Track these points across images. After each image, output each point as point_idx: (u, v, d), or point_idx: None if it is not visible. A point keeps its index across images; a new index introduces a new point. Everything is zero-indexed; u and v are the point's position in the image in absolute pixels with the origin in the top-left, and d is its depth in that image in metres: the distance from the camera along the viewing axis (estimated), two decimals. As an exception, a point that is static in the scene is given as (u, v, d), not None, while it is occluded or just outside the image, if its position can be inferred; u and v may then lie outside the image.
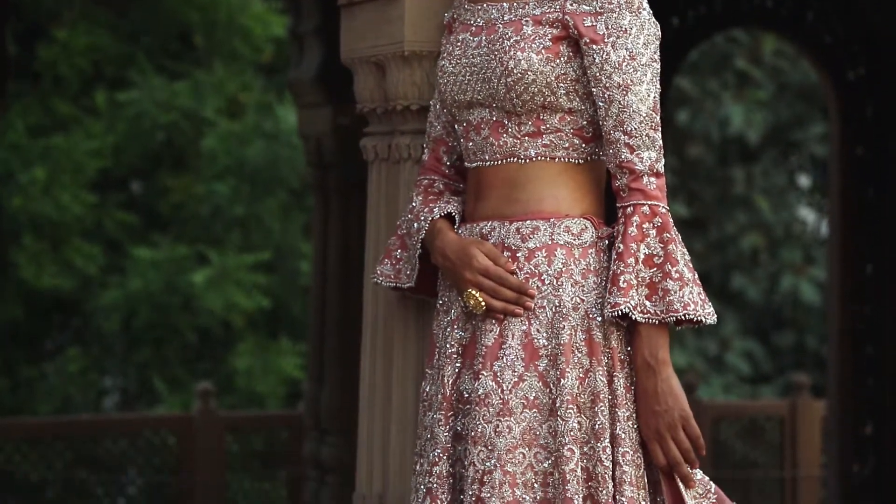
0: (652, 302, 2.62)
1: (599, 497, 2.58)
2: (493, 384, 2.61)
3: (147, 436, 10.33)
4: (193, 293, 13.19)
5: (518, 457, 2.59)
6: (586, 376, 2.62)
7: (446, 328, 2.75)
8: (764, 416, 12.19)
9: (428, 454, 2.68)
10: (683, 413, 2.63)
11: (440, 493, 2.64)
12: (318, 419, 8.74)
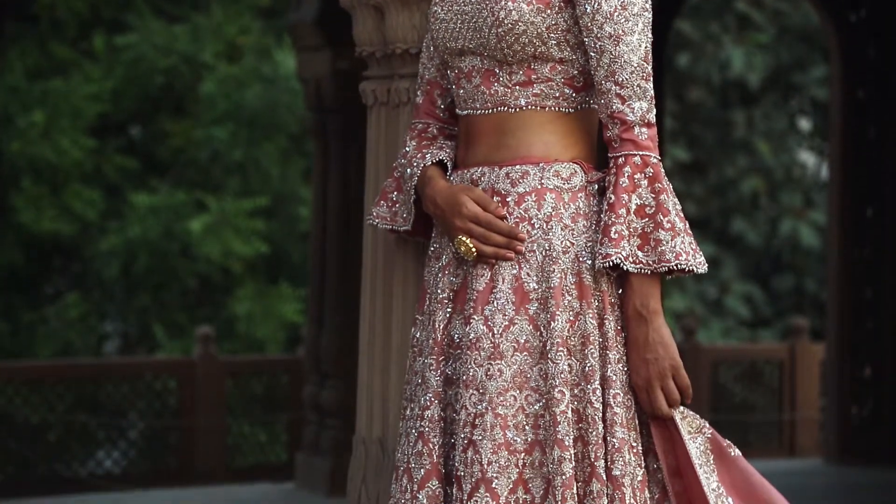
0: (644, 252, 2.62)
1: (589, 438, 2.59)
2: (484, 328, 2.62)
3: (148, 380, 10.37)
4: (191, 240, 13.20)
5: (509, 399, 2.60)
6: (576, 319, 2.63)
7: (437, 274, 2.75)
8: (763, 359, 12.23)
9: (419, 399, 2.69)
10: (674, 362, 2.64)
11: (432, 436, 2.65)
12: (319, 363, 8.76)
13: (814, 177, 18.62)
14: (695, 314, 16.28)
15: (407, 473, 2.65)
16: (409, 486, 2.63)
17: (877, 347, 9.95)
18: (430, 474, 2.63)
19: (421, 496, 2.62)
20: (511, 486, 2.57)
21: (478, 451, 2.57)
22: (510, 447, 2.58)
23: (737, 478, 2.67)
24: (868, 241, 10.02)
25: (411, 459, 2.65)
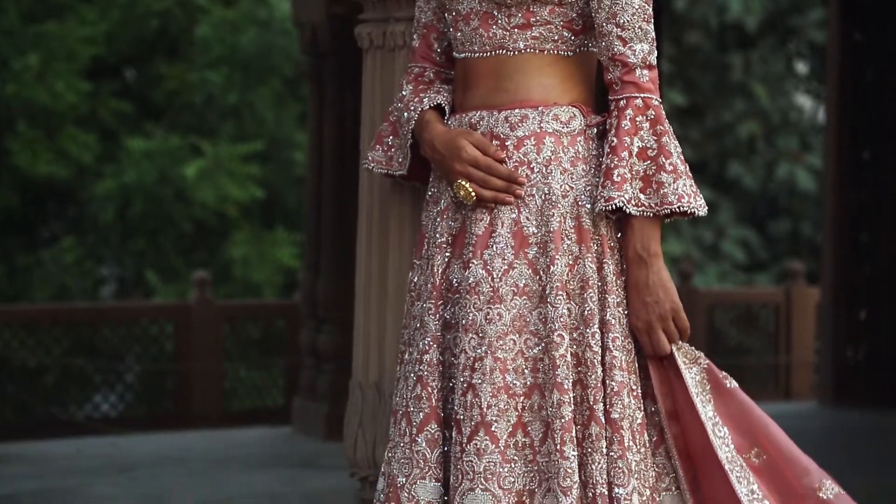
0: (646, 195, 2.61)
1: (588, 381, 2.59)
2: (484, 272, 2.62)
3: (144, 324, 10.38)
4: (187, 185, 13.18)
5: (508, 343, 2.60)
6: (576, 263, 2.63)
7: (436, 218, 2.75)
8: (759, 303, 12.25)
9: (417, 343, 2.69)
10: (674, 305, 2.64)
11: (431, 380, 2.65)
12: (315, 308, 8.77)
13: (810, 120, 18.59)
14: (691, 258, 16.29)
15: (406, 417, 2.65)
16: (408, 429, 2.64)
17: (872, 290, 9.97)
18: (429, 418, 2.63)
19: (420, 439, 2.62)
20: (510, 429, 2.58)
21: (477, 394, 2.57)
22: (509, 391, 2.59)
23: (733, 409, 2.68)
24: (864, 183, 10.02)
25: (410, 403, 2.65)
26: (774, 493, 2.66)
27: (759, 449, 2.68)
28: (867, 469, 7.15)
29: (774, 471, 2.67)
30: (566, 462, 2.53)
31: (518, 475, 2.57)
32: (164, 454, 8.03)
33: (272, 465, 7.59)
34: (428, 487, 2.62)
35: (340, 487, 5.40)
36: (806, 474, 2.67)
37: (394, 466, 2.64)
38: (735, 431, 2.66)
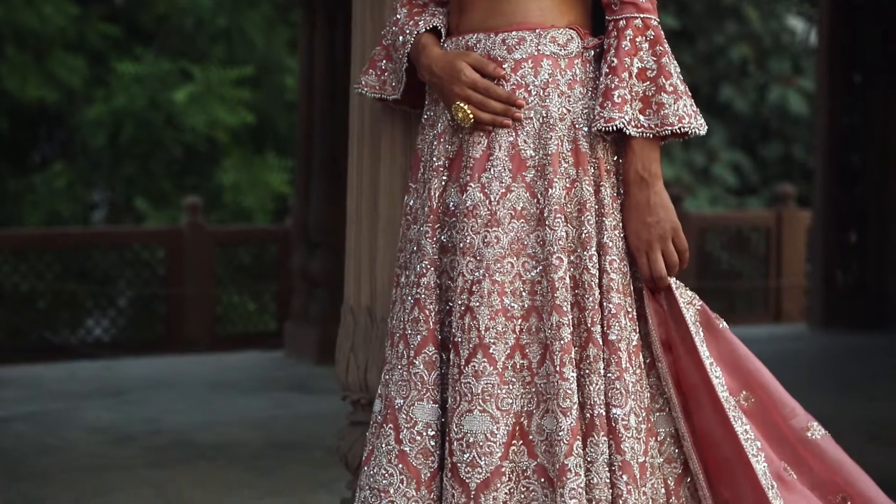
0: (646, 116, 2.61)
1: (586, 304, 2.60)
2: (481, 195, 2.62)
3: (136, 249, 10.38)
4: (176, 110, 13.12)
5: (506, 266, 2.61)
6: (573, 186, 2.63)
7: (432, 142, 2.74)
8: (750, 226, 12.27)
9: (415, 266, 2.70)
10: (674, 225, 2.65)
11: (428, 303, 2.66)
12: (306, 233, 8.78)
13: (802, 43, 18.52)
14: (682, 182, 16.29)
15: (403, 339, 2.66)
16: (406, 351, 2.65)
17: (862, 214, 9.99)
18: (427, 340, 2.64)
19: (418, 362, 2.63)
20: (508, 351, 2.59)
21: (475, 317, 2.58)
22: (507, 313, 2.60)
23: (724, 349, 2.69)
24: (856, 107, 10.00)
25: (408, 326, 2.66)
26: (764, 434, 2.68)
27: (747, 392, 2.70)
28: (856, 390, 7.20)
29: (763, 413, 2.69)
30: (565, 383, 2.55)
31: (516, 397, 2.59)
32: (156, 378, 8.06)
33: (264, 389, 7.63)
34: (426, 409, 2.63)
35: (332, 410, 5.43)
36: (793, 416, 2.68)
37: (391, 388, 2.65)
38: (726, 373, 2.68)
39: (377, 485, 2.61)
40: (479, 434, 2.56)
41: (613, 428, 2.57)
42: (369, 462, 2.66)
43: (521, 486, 2.58)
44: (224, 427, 6.49)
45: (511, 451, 2.58)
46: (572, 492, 2.52)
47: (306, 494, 5.03)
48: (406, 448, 2.61)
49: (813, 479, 2.66)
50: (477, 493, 2.55)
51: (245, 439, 6.19)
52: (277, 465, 5.63)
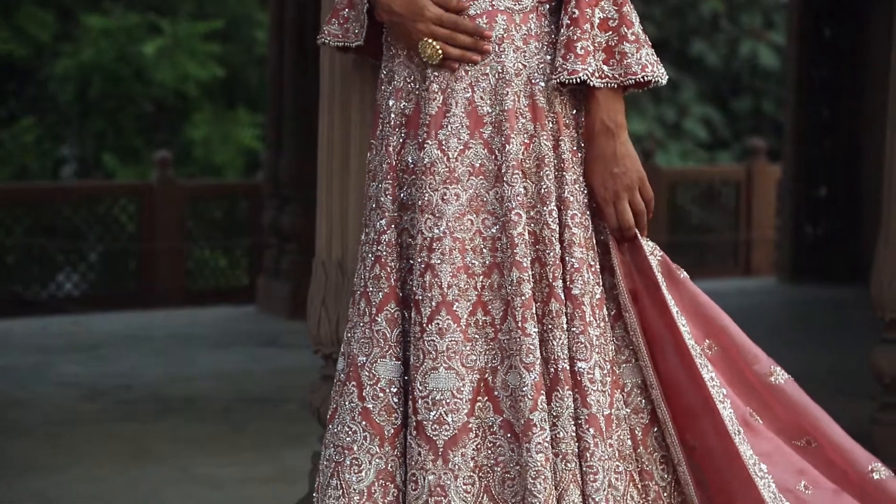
0: (610, 66, 2.61)
1: (547, 259, 2.60)
2: (439, 152, 2.61)
3: (106, 204, 10.34)
4: (146, 64, 13.05)
5: (466, 223, 2.61)
6: (531, 141, 2.63)
7: (389, 98, 2.73)
8: (720, 181, 12.29)
9: (374, 223, 2.69)
10: (640, 174, 2.66)
11: (389, 260, 2.66)
12: (277, 188, 8.77)
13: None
14: (653, 137, 16.30)
15: (364, 297, 2.66)
16: (368, 309, 2.65)
17: (832, 167, 10.02)
18: (388, 297, 2.64)
19: (380, 319, 2.64)
20: (470, 308, 2.60)
21: (436, 274, 2.58)
22: (468, 270, 2.60)
23: (686, 298, 2.70)
24: (826, 61, 10.02)
25: (369, 283, 2.66)
26: (728, 381, 2.70)
27: (711, 341, 2.71)
28: (825, 343, 7.25)
29: (727, 360, 2.70)
30: (528, 339, 2.56)
31: (480, 353, 2.59)
32: (128, 333, 8.06)
33: (236, 344, 7.63)
34: (388, 366, 2.63)
35: (304, 365, 5.44)
36: (756, 362, 2.70)
37: (353, 346, 2.66)
38: (689, 322, 2.69)
39: (341, 442, 2.62)
40: (446, 391, 2.57)
41: (579, 382, 2.59)
42: (333, 420, 2.67)
43: (487, 442, 2.59)
44: (196, 382, 6.50)
45: (477, 408, 2.59)
46: (538, 446, 2.54)
47: (278, 448, 5.05)
48: (369, 405, 2.62)
49: (778, 423, 2.68)
50: (445, 450, 2.56)
51: (217, 394, 6.20)
52: (249, 419, 5.65)
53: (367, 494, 2.60)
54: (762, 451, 2.65)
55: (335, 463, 2.62)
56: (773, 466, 2.65)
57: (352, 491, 2.60)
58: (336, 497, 2.61)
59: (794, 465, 2.67)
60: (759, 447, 2.65)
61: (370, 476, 2.61)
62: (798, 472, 2.67)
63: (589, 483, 2.58)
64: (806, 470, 2.67)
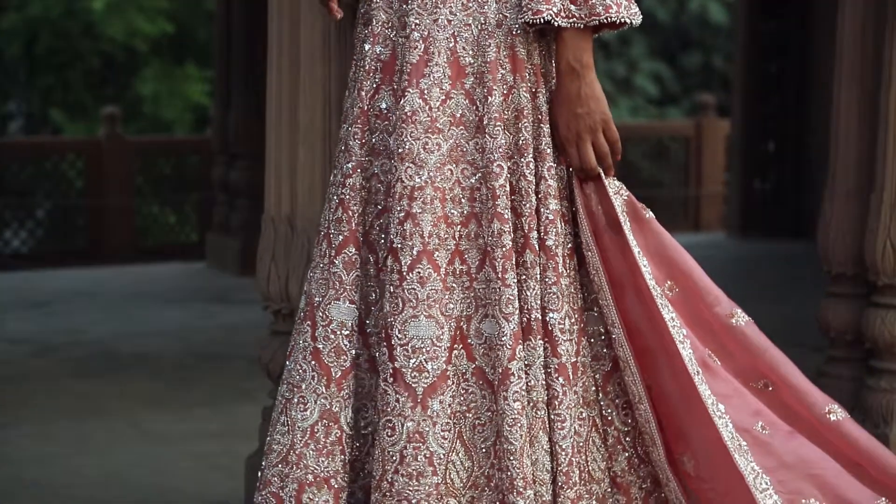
0: (577, 6, 2.60)
1: (522, 210, 2.61)
2: (421, 101, 2.60)
3: (54, 160, 10.27)
4: (94, 19, 12.93)
5: (447, 173, 2.61)
6: (510, 93, 2.63)
7: (364, 41, 2.72)
8: (670, 136, 12.33)
9: (342, 166, 2.70)
10: (605, 116, 2.66)
11: (352, 204, 2.66)
12: (226, 143, 8.73)
13: (723, -48, 18.54)
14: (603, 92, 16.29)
15: (326, 238, 2.68)
16: (328, 251, 2.66)
17: (781, 122, 10.08)
18: (348, 241, 2.65)
19: (337, 261, 2.65)
20: (449, 257, 2.61)
21: (417, 223, 2.59)
22: (448, 220, 2.61)
23: (650, 239, 2.72)
24: (775, 16, 10.06)
25: (331, 225, 2.67)
26: (688, 322, 2.71)
27: (672, 282, 2.72)
28: (774, 296, 7.30)
29: (688, 301, 2.72)
30: (508, 290, 2.57)
31: (456, 301, 2.61)
32: (77, 290, 8.02)
33: (187, 300, 7.62)
34: (342, 308, 2.65)
35: (254, 321, 5.44)
36: (717, 304, 2.72)
37: (312, 286, 2.68)
38: (652, 263, 2.71)
39: (292, 380, 2.65)
40: (426, 339, 2.58)
41: (549, 332, 2.61)
42: (289, 357, 2.69)
43: (460, 389, 2.61)
44: (146, 338, 6.48)
45: (454, 356, 2.61)
46: (516, 394, 2.56)
47: (229, 404, 5.05)
48: (320, 345, 2.64)
49: (736, 365, 2.71)
50: (424, 397, 2.58)
51: (167, 350, 6.19)
52: (200, 375, 5.65)
53: (311, 433, 2.62)
54: (720, 393, 2.67)
55: (285, 400, 2.65)
56: (731, 408, 2.67)
57: (296, 428, 2.63)
58: (282, 433, 2.64)
59: (750, 406, 2.70)
60: (717, 388, 2.67)
61: (314, 415, 2.63)
62: (755, 413, 2.69)
63: (556, 430, 2.61)
64: (762, 411, 2.70)
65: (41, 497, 3.94)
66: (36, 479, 4.13)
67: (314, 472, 2.63)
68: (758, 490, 2.64)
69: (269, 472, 2.64)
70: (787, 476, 2.67)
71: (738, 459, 2.63)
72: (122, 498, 3.95)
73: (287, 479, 2.62)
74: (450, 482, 2.61)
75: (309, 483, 2.63)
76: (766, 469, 2.66)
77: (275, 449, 2.64)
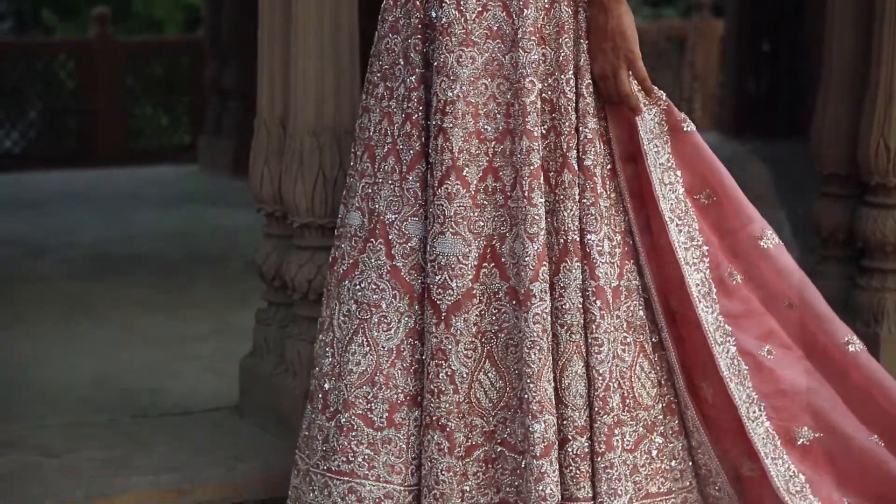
0: None
1: (562, 128, 2.58)
2: (456, 13, 2.56)
3: (45, 61, 10.21)
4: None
5: (480, 87, 2.57)
6: (552, 7, 2.58)
7: None
8: (664, 37, 12.26)
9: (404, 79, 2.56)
10: (631, 55, 2.61)
11: (418, 118, 2.56)
12: (219, 44, 8.67)
13: None
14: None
15: (394, 154, 2.62)
16: (397, 166, 2.60)
17: (776, 21, 10.01)
18: (420, 155, 2.60)
19: (411, 177, 2.59)
20: (480, 174, 2.58)
21: (448, 138, 2.56)
22: (480, 135, 2.58)
23: (686, 150, 2.69)
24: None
25: (399, 141, 2.62)
26: (714, 232, 2.70)
27: (709, 190, 2.72)
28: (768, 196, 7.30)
29: (720, 213, 2.71)
30: (533, 209, 2.54)
31: (488, 219, 2.58)
32: (70, 192, 8.01)
33: (180, 203, 7.60)
34: (419, 226, 2.61)
35: (247, 223, 5.44)
36: (750, 222, 2.71)
37: (380, 203, 2.63)
38: (688, 172, 2.69)
39: (366, 299, 2.60)
40: (451, 256, 2.56)
41: (588, 254, 2.59)
42: (352, 276, 2.64)
43: (492, 308, 2.60)
44: (139, 241, 6.48)
45: (482, 274, 2.59)
46: (536, 317, 2.54)
47: (222, 306, 5.06)
48: (398, 263, 2.60)
49: (761, 284, 2.71)
50: (448, 314, 2.56)
51: (160, 253, 6.20)
52: (193, 277, 5.65)
53: (397, 352, 2.60)
54: (731, 313, 2.67)
55: (359, 320, 2.61)
56: (739, 329, 2.68)
57: (380, 349, 2.60)
58: (363, 354, 2.60)
59: (762, 327, 2.70)
60: (728, 308, 2.67)
61: (399, 334, 2.61)
62: (765, 336, 2.70)
63: (593, 355, 2.59)
64: (775, 333, 2.70)
65: (38, 400, 3.96)
66: (30, 381, 4.14)
67: (404, 391, 2.61)
68: (749, 419, 2.66)
69: (351, 394, 2.61)
70: (782, 403, 2.69)
71: (733, 388, 2.64)
72: (117, 399, 3.96)
73: (376, 400, 2.61)
74: (475, 401, 2.59)
75: (400, 403, 2.61)
76: (762, 395, 2.67)
77: (353, 370, 2.60)
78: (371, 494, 2.59)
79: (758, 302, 2.70)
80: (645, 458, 2.65)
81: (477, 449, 2.60)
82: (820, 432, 2.70)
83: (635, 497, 2.62)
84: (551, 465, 2.54)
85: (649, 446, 2.65)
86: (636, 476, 2.63)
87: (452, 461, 2.57)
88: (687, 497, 2.70)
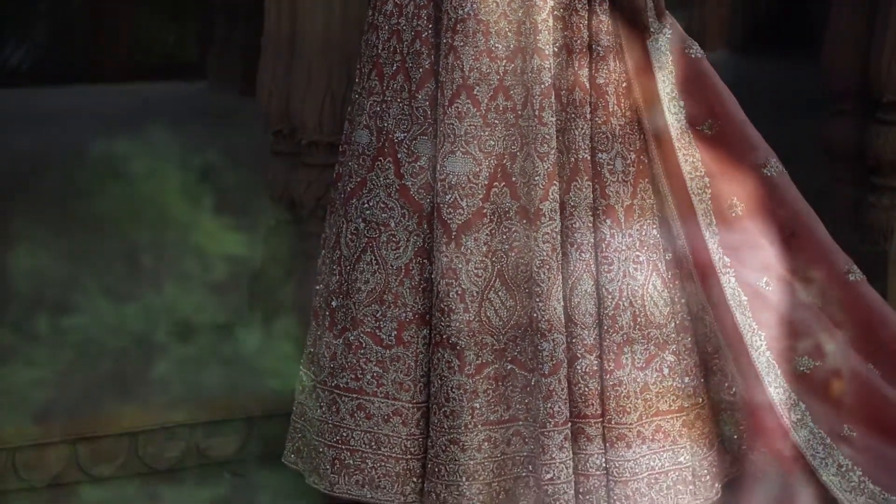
0: None
1: (574, 46, 2.58)
2: None
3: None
4: None
5: (491, 5, 2.55)
6: None
7: None
8: (675, -48, 12.16)
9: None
10: None
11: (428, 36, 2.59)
12: (226, -41, 8.63)
13: None
14: None
15: (403, 72, 2.62)
16: (406, 85, 2.61)
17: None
18: (429, 74, 2.61)
19: (420, 96, 2.60)
20: (491, 93, 2.57)
21: (458, 57, 2.55)
22: (491, 54, 2.57)
23: (690, 74, 2.70)
24: None
25: (408, 59, 2.62)
26: (717, 163, 2.70)
27: (711, 121, 2.71)
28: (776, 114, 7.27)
29: (722, 142, 2.71)
30: (544, 128, 2.54)
31: (499, 138, 2.58)
32: (79, 107, 7.98)
33: (189, 119, 7.58)
34: (428, 144, 2.62)
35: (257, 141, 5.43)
36: (753, 150, 2.71)
37: (388, 122, 2.63)
38: (692, 100, 2.68)
39: (375, 218, 2.61)
40: (462, 175, 2.57)
41: (598, 172, 2.59)
42: (359, 194, 2.64)
43: (502, 227, 2.60)
44: (148, 157, 6.47)
45: (493, 193, 2.59)
46: (546, 236, 2.55)
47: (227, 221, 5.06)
48: (407, 182, 2.61)
49: (763, 212, 2.71)
50: (458, 233, 2.57)
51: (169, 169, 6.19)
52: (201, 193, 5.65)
53: (405, 271, 2.61)
54: (729, 245, 2.68)
55: (368, 238, 2.61)
56: (737, 261, 2.68)
57: (389, 267, 2.61)
58: (371, 272, 2.61)
59: (760, 259, 2.70)
60: (727, 240, 2.68)
61: (408, 253, 2.62)
62: (763, 268, 2.70)
63: (603, 273, 2.60)
64: (771, 267, 2.71)
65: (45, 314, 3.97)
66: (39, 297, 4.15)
67: (413, 309, 2.62)
68: (753, 348, 2.66)
69: (359, 312, 2.62)
70: (781, 332, 2.70)
71: (738, 317, 2.65)
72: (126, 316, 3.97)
73: (384, 318, 2.61)
74: (485, 320, 2.60)
75: (408, 321, 2.62)
76: (761, 324, 2.68)
77: (362, 289, 2.61)
78: (380, 411, 2.61)
79: (758, 234, 2.70)
80: (656, 375, 2.66)
81: (487, 367, 2.61)
82: (819, 361, 2.71)
83: (645, 414, 2.63)
84: (560, 383, 2.55)
85: (661, 364, 2.66)
86: (646, 394, 2.64)
87: (463, 379, 2.58)
88: (700, 413, 2.71)
